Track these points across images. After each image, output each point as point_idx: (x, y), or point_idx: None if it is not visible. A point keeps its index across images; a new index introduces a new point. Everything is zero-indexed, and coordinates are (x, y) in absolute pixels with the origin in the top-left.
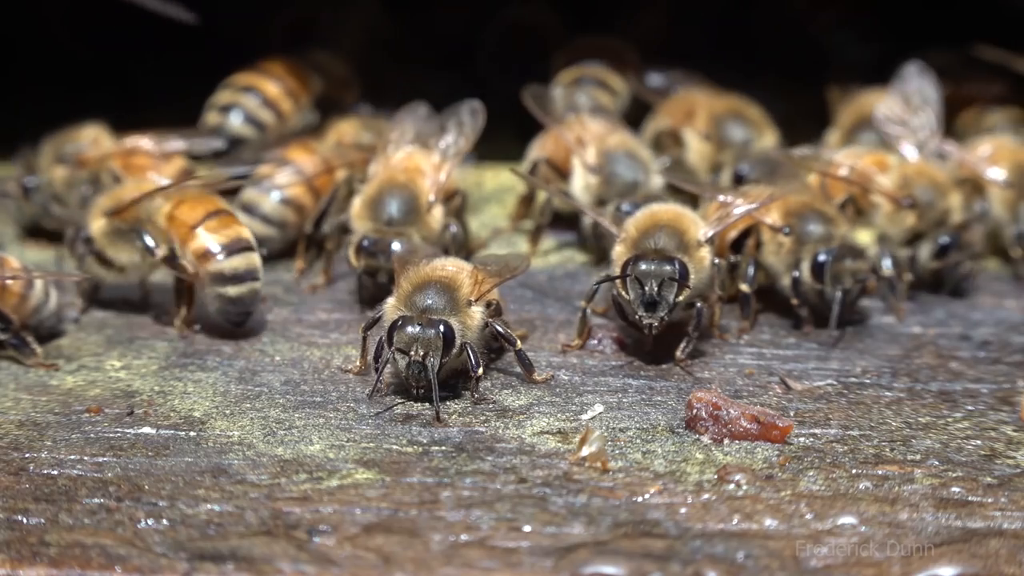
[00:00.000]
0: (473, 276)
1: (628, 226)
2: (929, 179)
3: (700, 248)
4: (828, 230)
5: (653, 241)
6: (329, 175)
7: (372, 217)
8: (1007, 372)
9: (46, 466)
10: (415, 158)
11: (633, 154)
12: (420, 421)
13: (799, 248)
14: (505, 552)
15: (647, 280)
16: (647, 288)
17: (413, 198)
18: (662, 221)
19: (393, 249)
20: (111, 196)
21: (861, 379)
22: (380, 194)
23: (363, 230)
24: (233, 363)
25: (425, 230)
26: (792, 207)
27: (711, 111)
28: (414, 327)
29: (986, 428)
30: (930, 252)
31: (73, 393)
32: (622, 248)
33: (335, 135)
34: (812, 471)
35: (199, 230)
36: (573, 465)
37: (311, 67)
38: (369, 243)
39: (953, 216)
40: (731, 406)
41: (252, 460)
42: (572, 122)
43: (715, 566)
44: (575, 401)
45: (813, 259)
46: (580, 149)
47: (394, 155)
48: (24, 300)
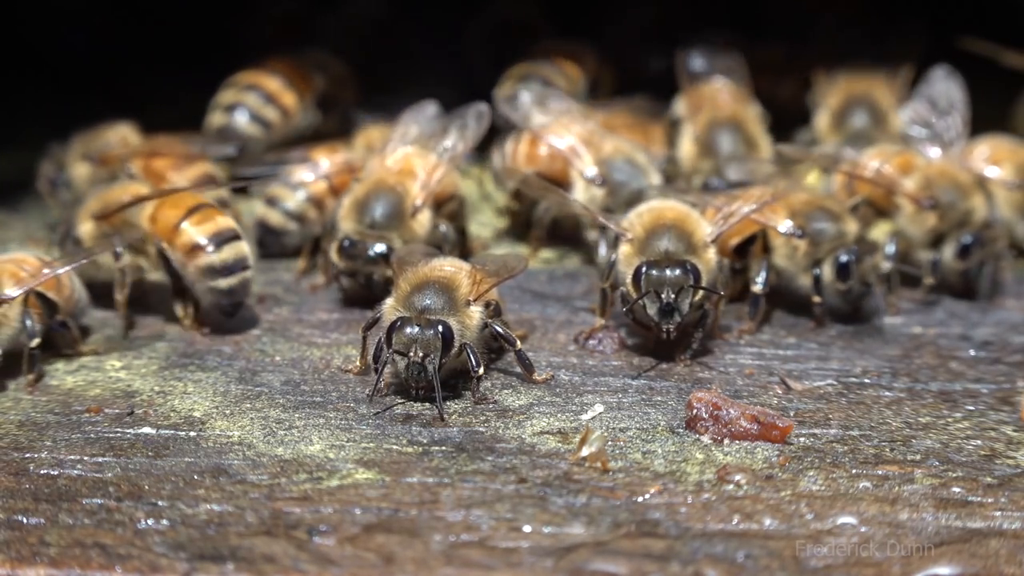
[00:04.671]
0: (472, 276)
1: (634, 224)
2: (951, 180)
3: (707, 249)
4: (838, 227)
5: (662, 243)
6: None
7: (357, 219)
8: (1007, 372)
9: (46, 466)
10: (410, 160)
11: (632, 160)
12: (420, 421)
13: (815, 249)
14: (505, 552)
15: (663, 288)
16: (664, 296)
17: (399, 202)
18: (668, 220)
19: (370, 253)
20: (99, 199)
21: (861, 379)
22: (367, 196)
23: (347, 231)
24: (233, 363)
25: (408, 234)
26: (797, 207)
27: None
28: (413, 328)
29: (986, 428)
30: (953, 252)
31: (73, 393)
32: (629, 249)
33: (364, 140)
34: (812, 471)
35: (184, 226)
36: (573, 465)
37: (312, 65)
38: (349, 244)
39: (976, 216)
40: (731, 406)
41: (252, 460)
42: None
43: (715, 566)
44: (575, 401)
45: (835, 261)
46: (577, 160)
47: (390, 155)
48: (72, 292)
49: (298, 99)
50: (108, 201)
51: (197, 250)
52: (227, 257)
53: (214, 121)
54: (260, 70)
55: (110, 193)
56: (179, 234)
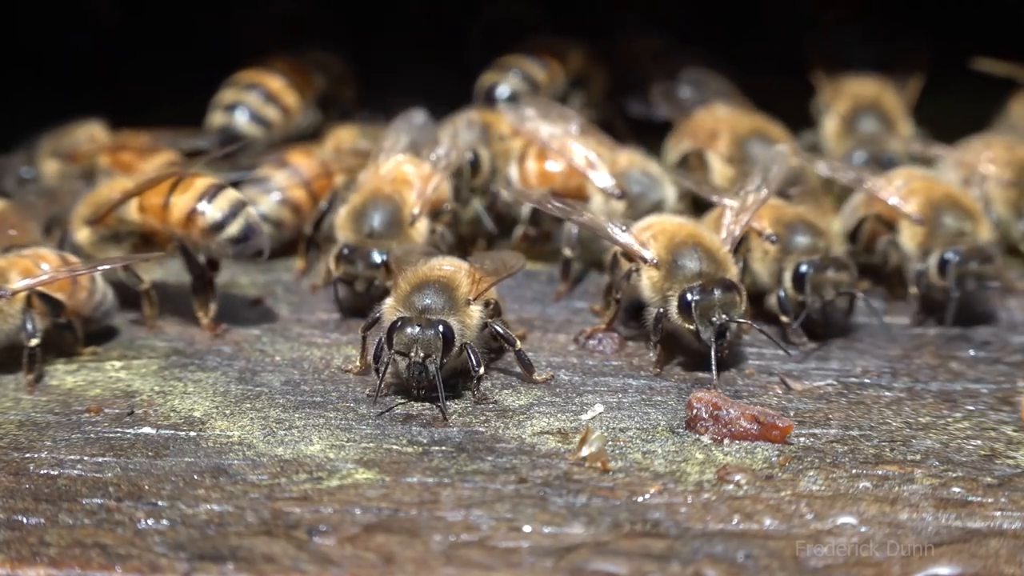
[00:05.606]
0: (471, 275)
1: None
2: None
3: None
4: (814, 242)
5: (693, 265)
6: (328, 179)
7: (355, 228)
8: (1007, 372)
9: (46, 466)
10: (404, 168)
11: (648, 171)
12: (420, 421)
13: (783, 257)
14: (505, 552)
15: (714, 312)
16: (715, 319)
17: (396, 211)
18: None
19: (371, 258)
20: (87, 203)
21: (861, 379)
22: (364, 205)
23: (346, 240)
24: (233, 363)
25: (407, 243)
26: (785, 218)
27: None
28: (413, 328)
29: (986, 428)
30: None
31: (73, 393)
32: (657, 275)
33: (333, 141)
34: (812, 471)
35: (171, 200)
36: (573, 465)
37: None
38: (349, 251)
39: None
40: (731, 406)
41: (252, 460)
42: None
43: (715, 566)
44: (575, 401)
45: (795, 269)
46: (593, 173)
47: (384, 164)
48: (91, 295)
49: (299, 98)
50: (97, 204)
51: (195, 215)
52: (223, 206)
53: (215, 120)
54: (261, 69)
55: (96, 195)
56: (171, 209)
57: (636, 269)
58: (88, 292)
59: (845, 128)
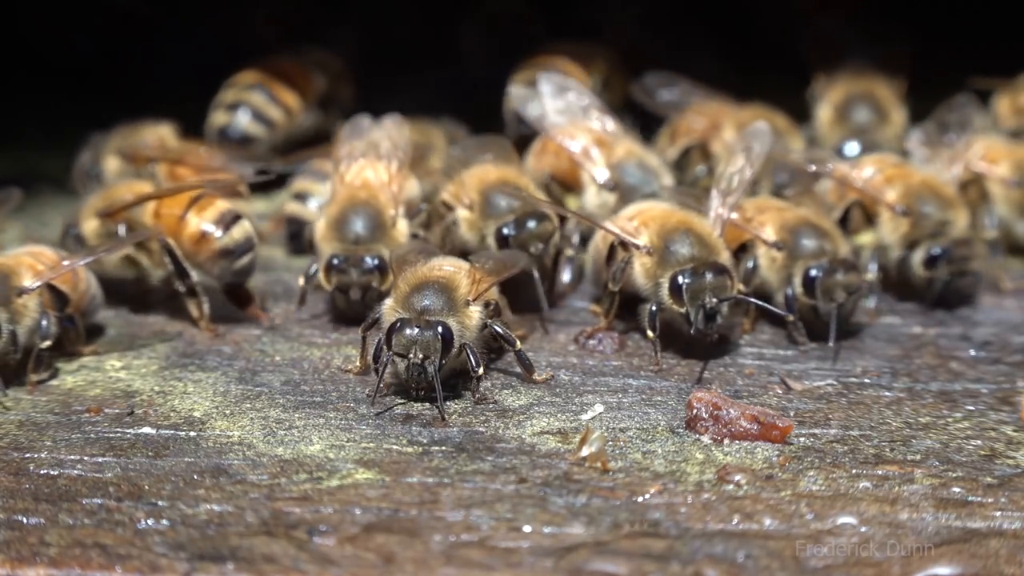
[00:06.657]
0: (471, 275)
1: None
2: (933, 192)
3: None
4: (821, 245)
5: (685, 251)
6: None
7: (339, 238)
8: (1007, 372)
9: (46, 466)
10: (366, 174)
11: (644, 163)
12: (420, 421)
13: (792, 263)
14: (505, 552)
15: (704, 295)
16: (706, 303)
17: (377, 215)
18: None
19: (364, 264)
20: (103, 196)
21: (861, 379)
22: (344, 214)
23: (331, 251)
24: (233, 363)
25: (392, 245)
26: (789, 222)
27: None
28: (412, 329)
29: (986, 428)
30: (920, 260)
31: (73, 393)
32: (650, 261)
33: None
34: (812, 471)
35: (188, 216)
36: (573, 465)
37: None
38: (339, 260)
39: (953, 230)
40: (731, 406)
41: (252, 460)
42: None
43: (715, 566)
44: (575, 401)
45: (804, 274)
46: (588, 163)
47: (347, 172)
48: (88, 288)
49: (301, 98)
50: (113, 199)
51: (207, 237)
52: (238, 237)
53: (216, 120)
54: (262, 69)
55: (114, 191)
56: (185, 225)
57: (629, 258)
58: (86, 284)
59: (838, 117)
